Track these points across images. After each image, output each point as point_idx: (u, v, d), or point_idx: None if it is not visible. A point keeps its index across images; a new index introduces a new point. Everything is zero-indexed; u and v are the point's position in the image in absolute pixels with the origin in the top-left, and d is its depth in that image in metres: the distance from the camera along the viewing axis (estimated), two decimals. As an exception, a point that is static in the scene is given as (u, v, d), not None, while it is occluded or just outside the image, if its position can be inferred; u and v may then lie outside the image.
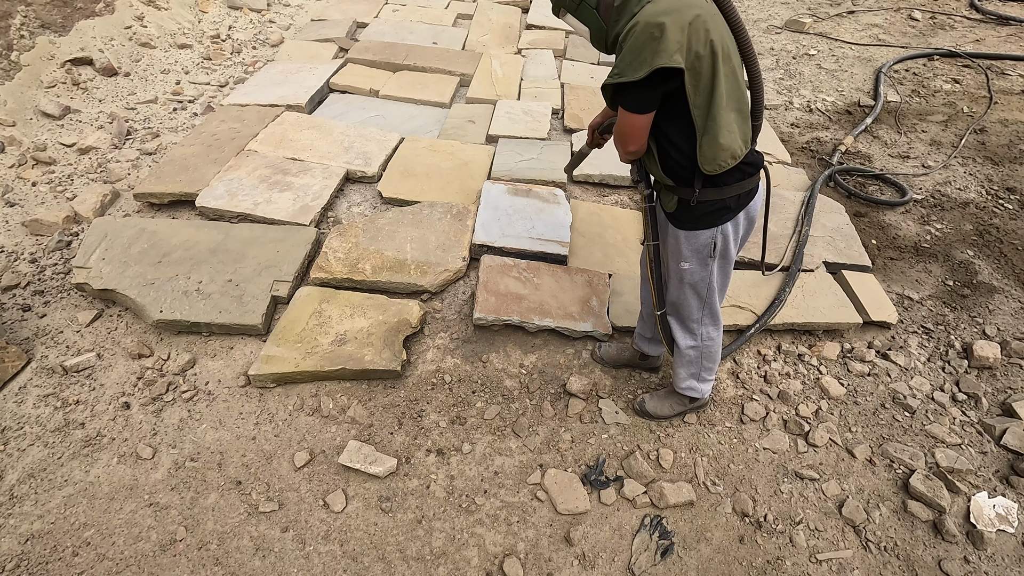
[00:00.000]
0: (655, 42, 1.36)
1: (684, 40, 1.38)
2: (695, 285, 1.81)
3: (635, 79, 1.40)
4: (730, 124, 1.50)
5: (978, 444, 2.23)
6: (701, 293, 1.83)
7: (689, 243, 1.72)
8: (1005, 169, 3.79)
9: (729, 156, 1.52)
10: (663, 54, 1.36)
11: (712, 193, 1.61)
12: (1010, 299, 2.86)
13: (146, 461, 1.97)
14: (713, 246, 1.70)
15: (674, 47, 1.36)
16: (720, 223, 1.67)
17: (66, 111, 3.45)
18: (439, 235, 2.77)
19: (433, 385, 2.27)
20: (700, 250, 1.72)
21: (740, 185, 1.63)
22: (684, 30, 1.37)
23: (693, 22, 1.38)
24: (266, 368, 2.17)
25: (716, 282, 1.81)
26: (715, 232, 1.68)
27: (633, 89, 1.46)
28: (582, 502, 1.94)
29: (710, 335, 1.95)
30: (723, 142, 1.50)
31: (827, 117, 4.34)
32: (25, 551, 1.73)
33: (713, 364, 2.03)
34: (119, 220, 2.73)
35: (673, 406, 2.17)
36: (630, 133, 1.54)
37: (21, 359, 2.20)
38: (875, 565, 1.87)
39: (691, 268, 1.77)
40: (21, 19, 3.69)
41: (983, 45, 5.40)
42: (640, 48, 1.38)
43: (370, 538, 1.83)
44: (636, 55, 1.39)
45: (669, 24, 1.35)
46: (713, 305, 1.87)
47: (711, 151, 1.51)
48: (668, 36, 1.35)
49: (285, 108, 3.61)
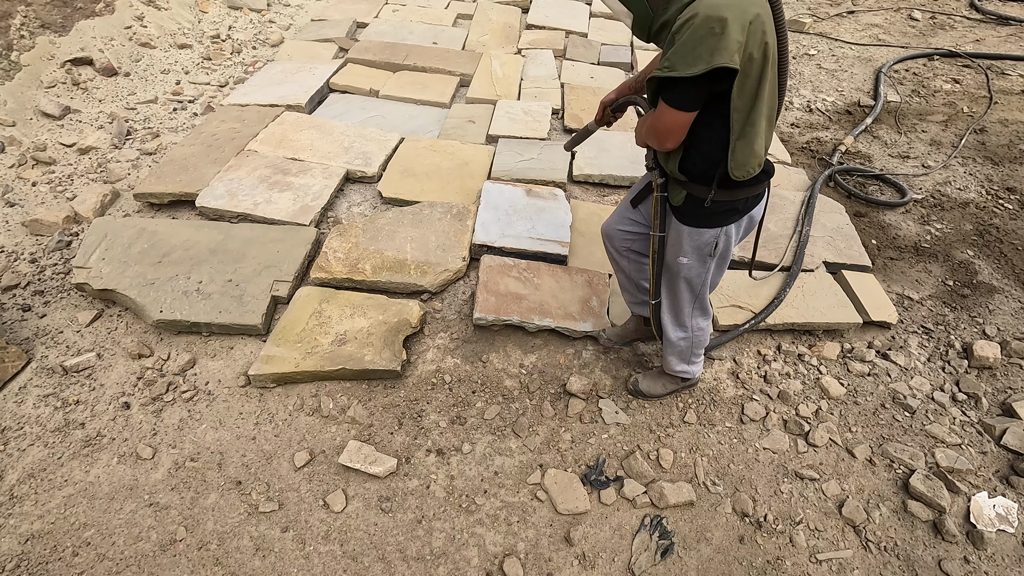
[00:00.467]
0: (715, 38, 1.28)
1: (743, 40, 1.30)
2: (690, 280, 1.82)
3: (689, 75, 1.32)
4: (762, 131, 1.48)
5: (978, 444, 2.23)
6: (695, 288, 1.84)
7: (692, 240, 1.71)
8: (1005, 169, 3.79)
9: (757, 163, 1.51)
10: (723, 52, 1.28)
11: (725, 195, 1.59)
12: (1010, 299, 2.86)
13: (146, 461, 1.97)
14: (715, 245, 1.70)
15: (734, 46, 1.29)
16: (726, 224, 1.66)
17: (66, 111, 3.45)
18: (439, 235, 2.77)
19: (433, 385, 2.27)
20: (702, 248, 1.71)
21: (751, 189, 1.62)
22: (744, 29, 1.30)
23: (753, 21, 1.31)
24: (266, 368, 2.17)
25: (710, 279, 1.84)
26: (719, 232, 1.68)
27: (683, 86, 1.37)
28: (582, 502, 1.94)
29: (700, 326, 1.98)
30: (756, 148, 1.48)
31: (827, 117, 4.34)
32: (25, 551, 1.73)
33: (702, 349, 2.07)
34: (119, 220, 2.73)
35: (666, 385, 2.22)
36: (671, 130, 1.46)
37: (21, 359, 2.20)
38: (875, 565, 1.87)
39: (689, 263, 1.76)
40: (21, 19, 3.69)
41: (983, 45, 5.40)
42: (698, 42, 1.29)
43: (370, 538, 1.83)
44: (692, 49, 1.30)
45: (731, 21, 1.27)
46: (704, 300, 1.90)
47: (744, 156, 1.48)
48: (729, 33, 1.27)
49: (285, 108, 3.61)
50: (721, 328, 2.54)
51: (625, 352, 2.45)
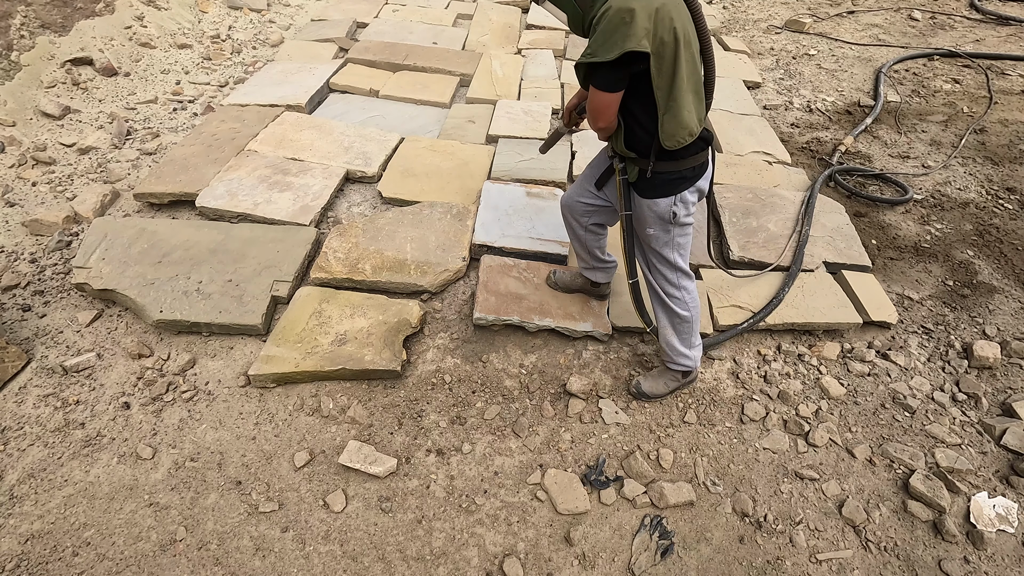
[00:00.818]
0: (625, 26, 1.49)
1: (651, 27, 1.51)
2: (661, 250, 1.96)
3: (606, 60, 1.53)
4: (689, 104, 1.66)
5: (978, 444, 2.23)
6: (669, 257, 1.98)
7: (651, 210, 1.87)
8: (1005, 169, 3.79)
9: (687, 133, 1.69)
10: (632, 38, 1.49)
11: (670, 165, 1.78)
12: (1010, 299, 2.86)
13: (146, 461, 1.97)
14: (673, 213, 1.85)
15: (642, 32, 1.49)
16: (678, 191, 1.83)
17: (66, 111, 3.45)
18: (439, 235, 2.77)
19: (433, 385, 2.27)
20: (662, 216, 1.86)
21: (694, 158, 1.80)
22: (651, 17, 1.51)
23: (660, 9, 1.52)
24: (266, 368, 2.17)
25: (679, 244, 1.96)
26: (674, 199, 1.83)
27: (604, 69, 1.59)
28: (582, 502, 1.94)
29: (686, 288, 2.06)
30: (682, 120, 1.66)
31: (827, 117, 4.34)
32: (25, 551, 1.73)
33: (696, 328, 2.13)
34: (119, 220, 2.73)
35: (667, 383, 2.26)
36: (601, 110, 1.68)
37: (21, 359, 2.20)
38: (875, 565, 1.87)
39: (655, 234, 1.92)
40: (21, 19, 3.69)
41: (983, 45, 5.40)
42: (612, 31, 1.51)
43: (370, 538, 1.83)
44: (608, 38, 1.52)
45: (638, 11, 1.48)
46: (679, 264, 2.01)
47: (671, 128, 1.67)
48: (637, 22, 1.48)
49: (285, 108, 3.61)
50: (721, 328, 2.54)
51: (625, 352, 2.45)
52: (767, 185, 3.36)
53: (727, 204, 3.13)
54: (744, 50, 5.17)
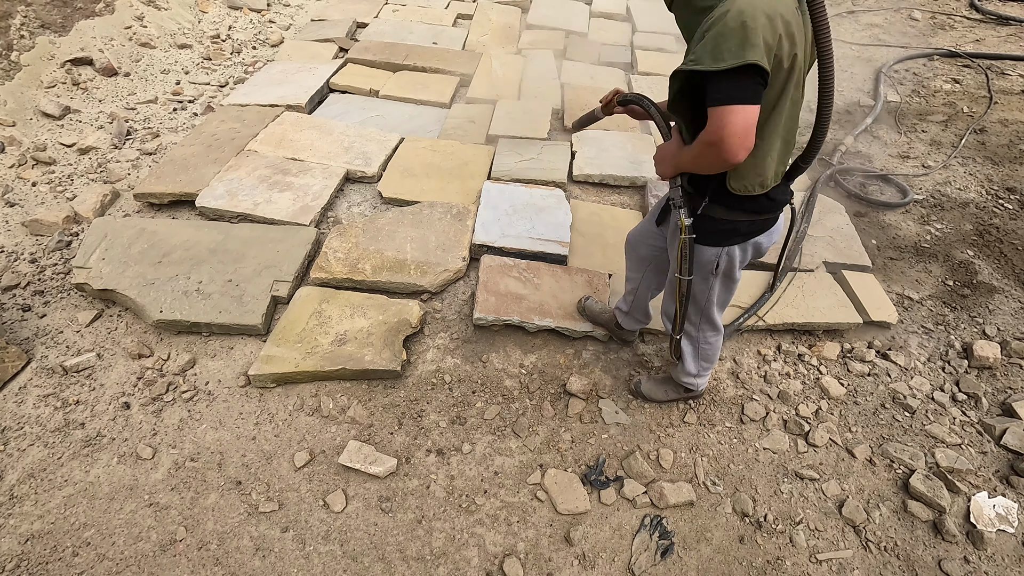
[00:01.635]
0: (748, 33, 1.20)
1: (774, 44, 1.24)
2: (694, 296, 1.79)
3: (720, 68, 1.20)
4: (773, 150, 1.42)
5: (978, 444, 2.23)
6: (699, 304, 1.82)
7: (695, 256, 1.67)
8: (1005, 169, 3.79)
9: (759, 183, 1.44)
10: (757, 49, 1.19)
11: (720, 211, 1.54)
12: (1010, 299, 2.86)
13: (146, 461, 1.97)
14: (716, 265, 1.66)
15: (763, 47, 1.21)
16: (727, 244, 1.62)
17: (66, 111, 3.45)
18: (439, 235, 2.77)
19: (433, 385, 2.27)
20: (704, 265, 1.68)
21: (754, 214, 1.55)
22: (775, 35, 1.23)
23: (784, 29, 1.25)
24: (266, 368, 2.17)
25: (716, 297, 1.80)
26: (720, 252, 1.63)
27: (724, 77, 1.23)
28: (582, 502, 1.94)
29: (707, 339, 1.96)
30: (762, 166, 1.41)
31: (827, 117, 4.33)
32: (25, 551, 1.73)
33: (711, 363, 2.06)
34: (119, 220, 2.73)
35: (668, 392, 2.21)
36: (741, 131, 1.24)
37: (21, 359, 2.20)
38: (875, 565, 1.87)
39: (692, 280, 1.73)
40: (21, 19, 3.69)
41: (983, 45, 5.40)
42: (729, 36, 1.21)
43: (370, 538, 1.83)
44: (725, 41, 1.21)
45: (764, 23, 1.21)
46: (711, 316, 1.86)
47: (746, 169, 1.42)
48: (760, 32, 1.20)
49: (285, 108, 3.61)
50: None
51: (625, 352, 2.45)
52: (767, 185, 3.36)
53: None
54: (744, 50, 5.16)
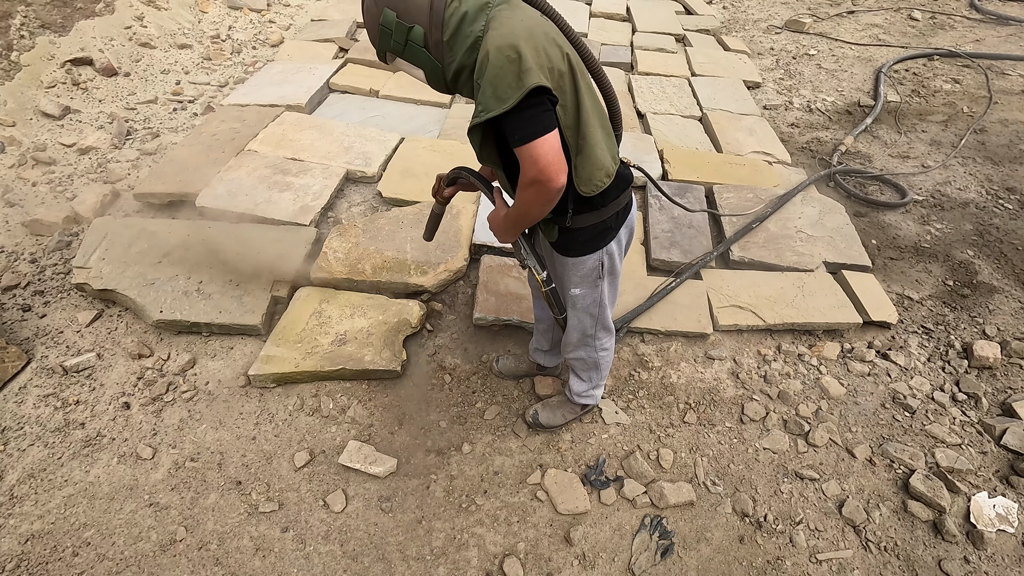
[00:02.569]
0: (515, 64, 1.20)
1: (544, 61, 1.25)
2: (587, 308, 1.76)
3: (507, 108, 1.21)
4: (600, 141, 1.43)
5: (978, 444, 2.23)
6: (593, 313, 1.79)
7: (576, 270, 1.66)
8: (1005, 169, 3.79)
9: (604, 175, 1.46)
10: (530, 73, 1.20)
11: (592, 217, 1.54)
12: (1010, 299, 2.86)
13: (146, 461, 1.97)
14: (601, 267, 1.66)
15: (536, 67, 1.22)
16: (604, 245, 1.62)
17: (66, 111, 3.45)
18: (439, 235, 2.76)
19: (433, 385, 2.27)
20: (588, 275, 1.67)
21: (616, 203, 1.57)
22: (539, 51, 1.24)
23: (544, 40, 1.27)
24: (266, 368, 2.17)
25: (607, 299, 1.78)
26: (601, 254, 1.63)
27: (513, 117, 1.24)
28: (582, 502, 1.94)
29: (604, 346, 1.91)
30: (597, 160, 1.43)
31: (827, 117, 4.34)
32: (25, 551, 1.73)
33: (605, 373, 2.02)
34: (119, 220, 2.73)
35: (565, 415, 2.14)
36: (553, 160, 1.26)
37: (21, 359, 2.20)
38: (875, 565, 1.87)
39: (582, 293, 1.71)
40: (21, 19, 3.69)
41: (983, 45, 5.40)
42: (501, 75, 1.21)
43: (370, 538, 1.83)
44: (500, 82, 1.21)
45: (523, 47, 1.21)
46: (606, 320, 1.83)
47: (587, 171, 1.43)
48: (526, 57, 1.21)
49: (285, 108, 3.61)
50: (721, 328, 2.54)
51: (625, 352, 2.45)
52: (767, 185, 3.36)
53: (727, 204, 3.14)
54: (744, 50, 5.17)
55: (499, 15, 1.27)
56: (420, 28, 1.30)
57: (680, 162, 3.47)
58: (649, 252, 2.84)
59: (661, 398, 2.30)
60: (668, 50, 4.98)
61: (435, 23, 1.29)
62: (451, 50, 1.32)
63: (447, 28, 1.29)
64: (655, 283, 2.65)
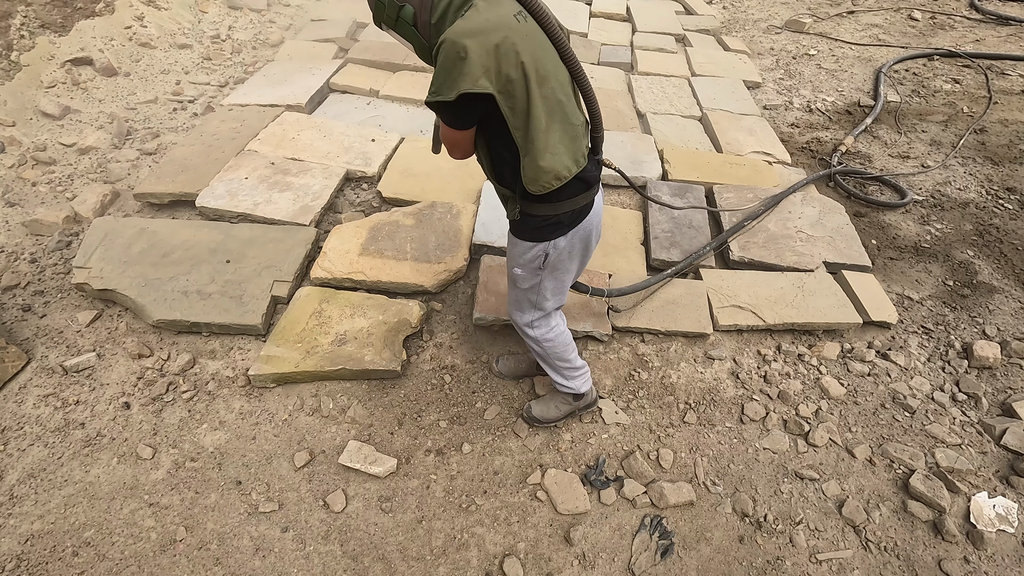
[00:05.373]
0: (461, 63, 1.30)
1: (492, 64, 1.31)
2: (525, 291, 1.81)
3: (448, 99, 1.34)
4: (554, 146, 1.47)
5: (978, 444, 2.23)
6: (531, 298, 1.82)
7: (520, 252, 1.71)
8: (1005, 169, 3.79)
9: (552, 178, 1.49)
10: (468, 77, 1.30)
11: (546, 208, 1.59)
12: (1010, 299, 2.86)
13: (146, 461, 1.97)
14: (544, 258, 1.69)
15: (479, 71, 1.30)
16: (552, 238, 1.65)
17: (66, 111, 3.45)
18: (439, 235, 2.77)
19: (433, 385, 2.27)
20: (531, 261, 1.71)
21: (573, 201, 1.61)
22: (491, 53, 1.30)
23: (501, 44, 1.31)
24: (266, 368, 2.17)
25: (548, 291, 1.81)
26: (547, 246, 1.67)
27: (448, 107, 1.39)
28: (582, 502, 1.94)
29: (546, 336, 1.92)
30: (544, 165, 1.46)
31: (827, 117, 4.34)
32: (25, 551, 1.73)
33: (566, 362, 2.00)
34: (119, 220, 2.73)
35: (558, 407, 2.14)
36: (452, 145, 1.54)
37: (21, 359, 2.20)
38: (875, 565, 1.87)
39: (522, 275, 1.77)
40: (21, 19, 3.69)
41: (983, 45, 5.40)
42: (449, 68, 1.31)
43: (370, 538, 1.83)
44: (447, 75, 1.32)
45: (472, 47, 1.28)
46: (544, 309, 1.86)
47: (532, 173, 1.48)
48: (472, 59, 1.29)
49: (285, 108, 3.61)
50: (721, 328, 2.54)
51: (625, 352, 2.45)
52: (767, 185, 3.36)
53: (727, 204, 3.14)
54: (744, 50, 5.17)
55: (476, 6, 1.34)
56: (411, 8, 1.39)
57: (680, 162, 3.47)
58: (649, 252, 2.84)
59: (661, 398, 2.30)
60: (668, 50, 4.98)
61: (424, 5, 1.38)
62: (438, 32, 1.39)
63: (435, 11, 1.38)
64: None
